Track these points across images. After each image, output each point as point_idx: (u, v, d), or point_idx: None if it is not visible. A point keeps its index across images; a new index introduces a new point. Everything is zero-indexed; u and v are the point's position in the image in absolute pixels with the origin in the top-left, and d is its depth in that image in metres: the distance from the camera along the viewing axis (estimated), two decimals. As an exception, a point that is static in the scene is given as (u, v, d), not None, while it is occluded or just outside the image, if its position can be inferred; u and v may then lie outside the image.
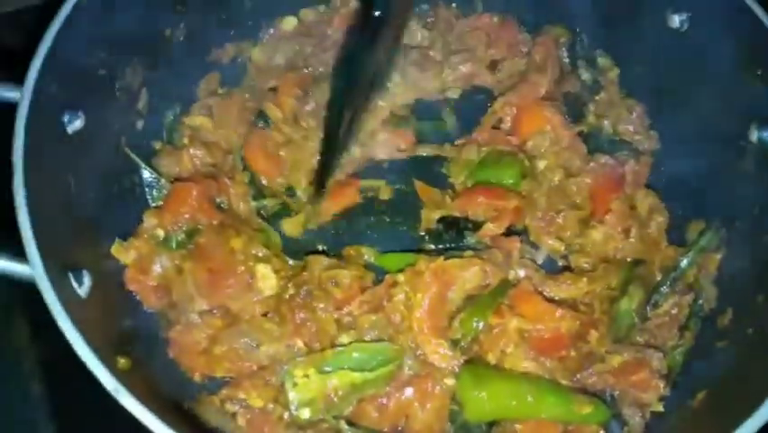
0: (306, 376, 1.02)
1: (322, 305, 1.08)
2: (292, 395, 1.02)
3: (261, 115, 1.32)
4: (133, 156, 1.20)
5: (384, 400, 1.05)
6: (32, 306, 0.96)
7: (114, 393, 0.74)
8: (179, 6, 1.26)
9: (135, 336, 1.02)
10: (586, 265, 1.21)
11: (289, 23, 1.45)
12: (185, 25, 1.28)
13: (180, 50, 1.30)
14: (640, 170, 1.29)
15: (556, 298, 1.14)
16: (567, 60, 1.44)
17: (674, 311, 1.17)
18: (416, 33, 1.44)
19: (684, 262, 1.19)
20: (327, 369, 1.04)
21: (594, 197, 1.26)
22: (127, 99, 1.20)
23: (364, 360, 1.05)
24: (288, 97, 1.31)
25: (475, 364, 1.06)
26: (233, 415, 1.05)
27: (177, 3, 1.25)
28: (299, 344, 1.08)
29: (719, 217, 1.18)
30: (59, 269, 0.85)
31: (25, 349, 1.23)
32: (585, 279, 1.15)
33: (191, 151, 1.24)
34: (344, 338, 1.08)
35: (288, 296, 1.09)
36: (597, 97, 1.41)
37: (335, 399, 1.03)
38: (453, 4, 1.52)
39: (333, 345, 1.07)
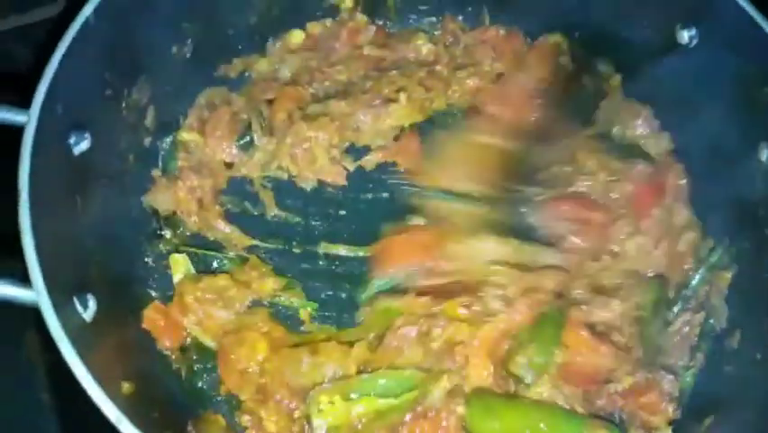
0: (332, 402, 1.01)
1: None
2: (317, 422, 1.01)
3: (249, 129, 1.31)
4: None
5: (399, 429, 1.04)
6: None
7: (116, 423, 0.74)
8: (186, 24, 1.27)
9: (141, 357, 1.02)
10: (611, 281, 1.16)
11: (296, 36, 1.45)
12: (192, 41, 1.29)
13: (187, 66, 1.30)
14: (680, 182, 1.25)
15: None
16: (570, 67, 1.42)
17: (686, 330, 1.15)
18: (421, 48, 1.44)
19: (696, 280, 1.18)
20: (353, 396, 1.03)
21: (636, 204, 1.22)
22: (134, 117, 1.21)
23: (390, 387, 1.04)
24: (281, 112, 1.31)
25: (483, 393, 1.05)
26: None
27: (183, 20, 1.26)
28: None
29: (729, 236, 1.17)
30: (64, 293, 0.86)
31: (36, 360, 1.24)
32: (617, 300, 1.11)
33: (185, 181, 1.23)
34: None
35: None
36: (602, 103, 1.38)
37: (359, 426, 1.02)
38: (460, 17, 1.52)
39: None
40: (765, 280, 1.07)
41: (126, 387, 0.89)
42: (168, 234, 1.23)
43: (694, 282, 1.18)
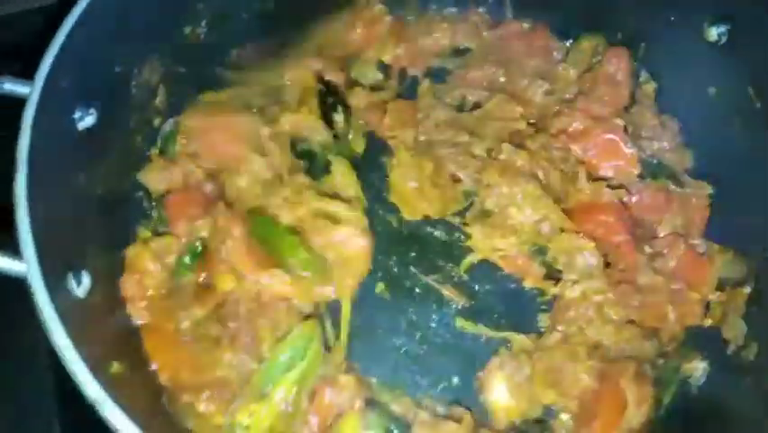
0: (251, 414, 0.97)
1: None
2: None
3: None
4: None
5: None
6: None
7: (97, 405, 0.73)
8: (201, 5, 1.25)
9: (134, 337, 1.00)
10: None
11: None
12: (206, 23, 1.27)
13: (201, 48, 1.29)
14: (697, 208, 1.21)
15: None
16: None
17: None
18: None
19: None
20: (265, 390, 0.99)
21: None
22: (144, 96, 1.19)
23: (292, 356, 1.01)
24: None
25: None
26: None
27: (198, 1, 1.24)
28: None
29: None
30: (56, 267, 0.85)
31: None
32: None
33: (184, 164, 1.19)
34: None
35: None
36: (632, 110, 1.33)
37: (289, 408, 0.99)
38: (481, 9, 1.48)
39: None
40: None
41: (116, 366, 0.88)
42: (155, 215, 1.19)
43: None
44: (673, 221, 1.20)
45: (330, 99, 1.31)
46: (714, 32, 1.16)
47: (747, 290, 1.10)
